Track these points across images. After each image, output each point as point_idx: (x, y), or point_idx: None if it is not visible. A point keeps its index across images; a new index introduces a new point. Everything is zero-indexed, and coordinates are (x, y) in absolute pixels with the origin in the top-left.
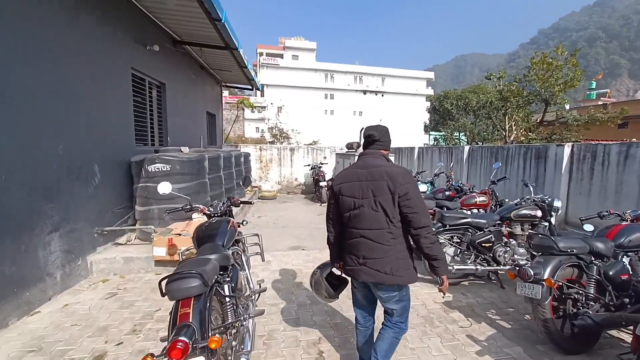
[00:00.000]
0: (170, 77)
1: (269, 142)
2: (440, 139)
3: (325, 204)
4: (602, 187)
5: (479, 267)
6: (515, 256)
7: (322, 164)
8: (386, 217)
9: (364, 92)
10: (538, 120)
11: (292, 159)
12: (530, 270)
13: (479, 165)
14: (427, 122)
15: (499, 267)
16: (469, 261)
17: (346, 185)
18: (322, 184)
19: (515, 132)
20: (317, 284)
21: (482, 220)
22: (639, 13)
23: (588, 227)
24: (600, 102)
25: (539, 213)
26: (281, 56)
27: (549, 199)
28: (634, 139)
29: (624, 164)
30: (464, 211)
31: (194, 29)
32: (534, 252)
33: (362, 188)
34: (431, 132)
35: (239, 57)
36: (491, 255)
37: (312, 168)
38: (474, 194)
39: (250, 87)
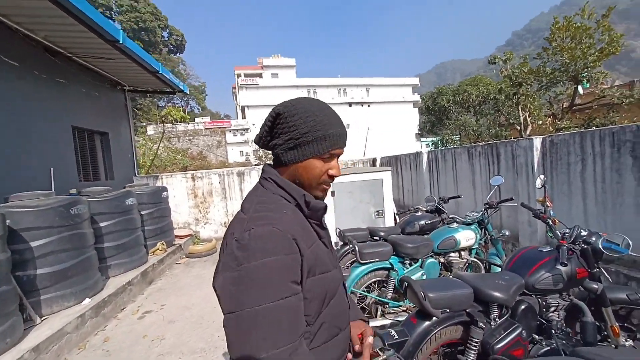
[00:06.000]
0: None
1: (255, 164)
2: (436, 144)
3: None
4: None
5: None
6: None
7: None
8: None
9: (349, 104)
10: (565, 105)
11: (242, 187)
12: None
13: (583, 175)
14: (419, 125)
15: None
16: None
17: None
18: None
19: (531, 124)
20: None
21: None
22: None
23: None
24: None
25: None
26: (260, 76)
27: None
28: None
29: None
30: None
31: None
32: None
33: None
34: (422, 139)
35: (99, 29)
36: None
37: None
38: None
39: (171, 90)
